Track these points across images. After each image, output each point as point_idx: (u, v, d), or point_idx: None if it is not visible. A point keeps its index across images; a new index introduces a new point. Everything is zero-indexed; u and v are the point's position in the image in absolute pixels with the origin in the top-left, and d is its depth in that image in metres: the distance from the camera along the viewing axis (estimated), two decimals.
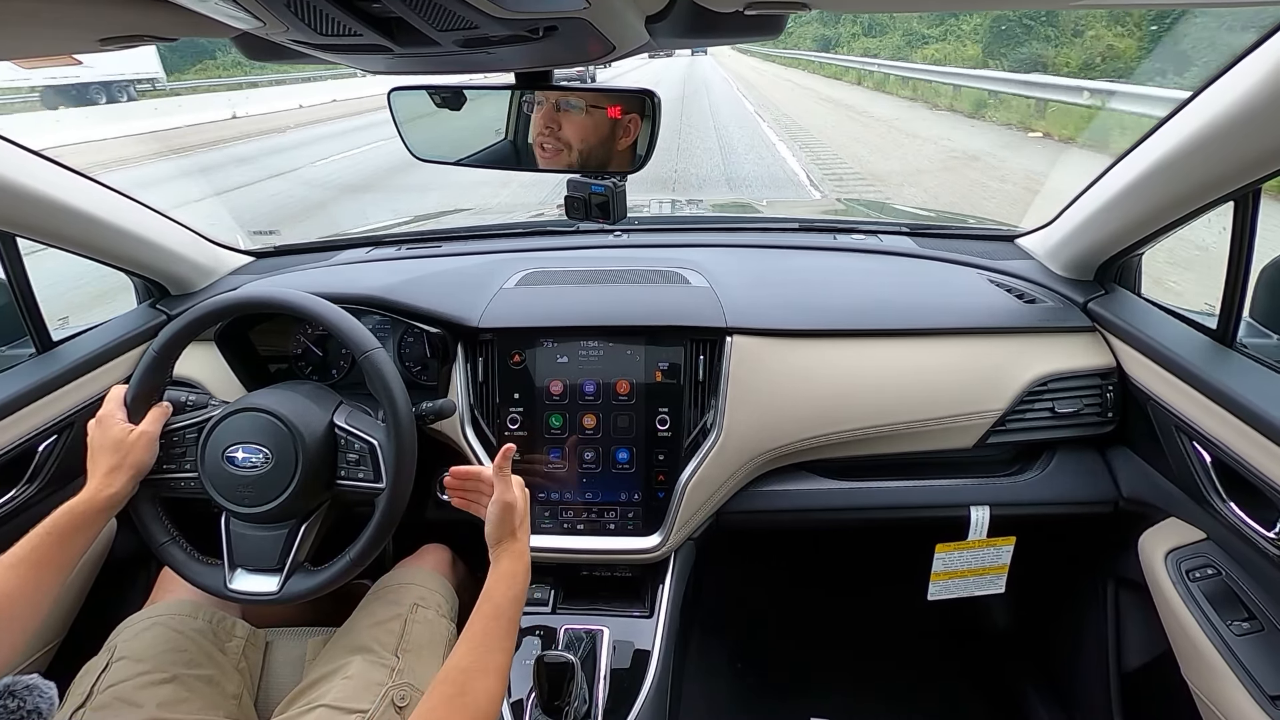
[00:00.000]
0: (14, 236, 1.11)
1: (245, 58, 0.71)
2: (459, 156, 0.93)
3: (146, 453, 0.97)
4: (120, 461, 0.93)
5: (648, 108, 0.77)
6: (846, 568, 1.66)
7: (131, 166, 9.49)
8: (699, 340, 1.16)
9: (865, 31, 24.59)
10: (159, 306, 1.37)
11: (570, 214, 0.90)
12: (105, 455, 0.94)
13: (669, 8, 0.60)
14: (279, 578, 0.97)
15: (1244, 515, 0.92)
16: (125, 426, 0.96)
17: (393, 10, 0.49)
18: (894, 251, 1.44)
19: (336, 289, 1.19)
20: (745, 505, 1.19)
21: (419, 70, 0.80)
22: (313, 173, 9.00)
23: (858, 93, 16.62)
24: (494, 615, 0.80)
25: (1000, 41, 14.69)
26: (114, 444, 0.94)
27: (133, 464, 0.94)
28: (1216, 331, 1.00)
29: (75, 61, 12.96)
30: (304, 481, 0.94)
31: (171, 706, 0.91)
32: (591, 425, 1.16)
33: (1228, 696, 0.89)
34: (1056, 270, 1.31)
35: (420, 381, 1.26)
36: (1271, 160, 0.83)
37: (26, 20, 0.52)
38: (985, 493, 1.19)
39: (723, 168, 7.92)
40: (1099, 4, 0.68)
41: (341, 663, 0.96)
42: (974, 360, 1.18)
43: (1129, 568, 1.12)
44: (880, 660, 1.61)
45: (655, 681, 1.02)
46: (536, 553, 1.14)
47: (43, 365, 1.16)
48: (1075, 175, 1.20)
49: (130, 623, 1.01)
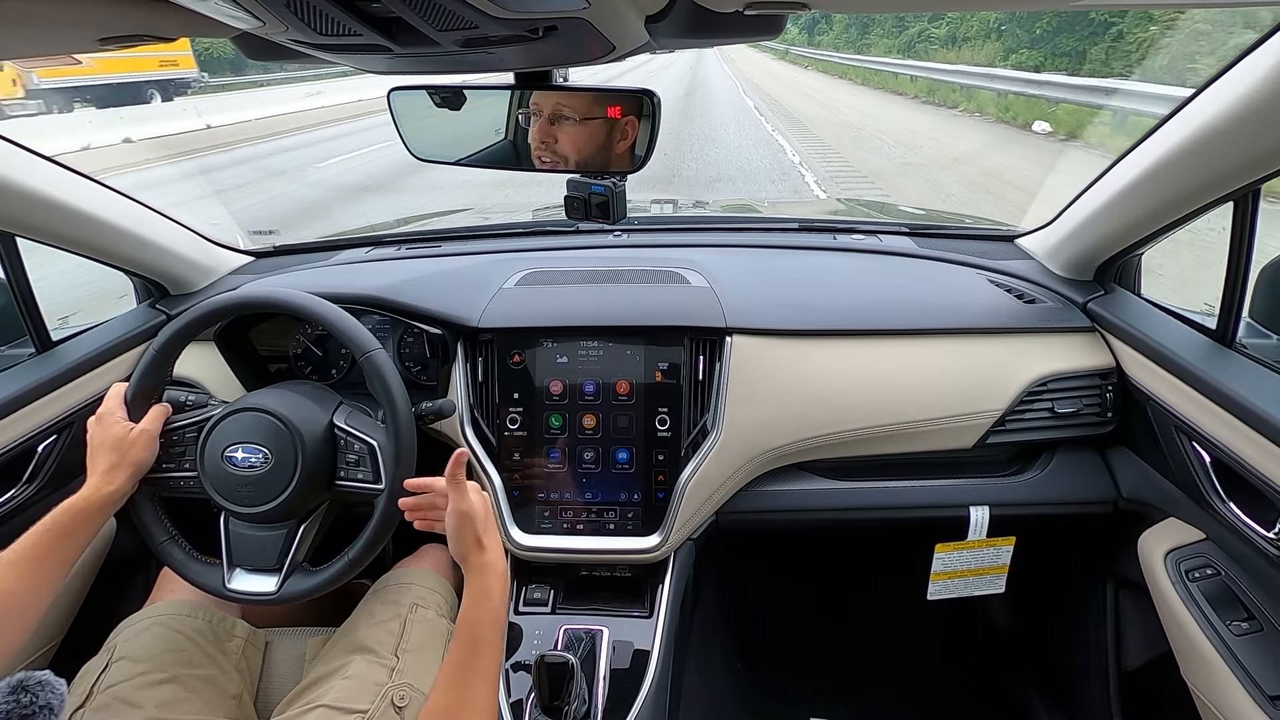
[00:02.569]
0: (14, 236, 1.11)
1: (246, 57, 0.71)
2: (459, 156, 0.93)
3: (146, 451, 0.96)
4: (120, 459, 0.93)
5: (647, 108, 0.77)
6: (846, 568, 1.66)
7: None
8: (699, 340, 1.16)
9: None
10: (159, 306, 1.38)
11: (570, 214, 0.90)
12: (105, 453, 0.93)
13: (669, 8, 0.60)
14: (278, 578, 0.97)
15: (1243, 515, 0.92)
16: (125, 425, 0.96)
17: (393, 10, 0.49)
18: (894, 251, 1.44)
19: (336, 289, 1.19)
20: (745, 505, 1.19)
21: (419, 70, 0.80)
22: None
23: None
24: (470, 645, 0.76)
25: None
26: (114, 442, 0.94)
27: (132, 461, 0.94)
28: (1216, 332, 1.00)
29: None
30: (303, 482, 0.94)
31: (171, 707, 0.91)
32: (591, 425, 1.16)
33: (1227, 696, 0.89)
34: (1056, 270, 1.31)
35: (420, 381, 1.26)
36: (1271, 160, 0.83)
37: (26, 20, 0.52)
38: (985, 493, 1.19)
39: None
40: (1099, 4, 0.68)
41: (341, 663, 0.96)
42: (974, 360, 1.18)
43: (1129, 568, 1.12)
44: (880, 660, 1.61)
45: (655, 682, 1.02)
46: (536, 553, 1.14)
47: (42, 365, 1.16)
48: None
49: (130, 623, 1.01)
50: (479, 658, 0.76)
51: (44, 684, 0.51)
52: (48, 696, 0.50)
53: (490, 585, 0.80)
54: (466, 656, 0.75)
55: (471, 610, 0.78)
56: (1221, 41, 7.11)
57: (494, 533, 0.85)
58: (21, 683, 0.50)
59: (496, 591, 0.80)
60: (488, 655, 0.76)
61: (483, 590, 0.79)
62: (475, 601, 0.79)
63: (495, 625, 0.78)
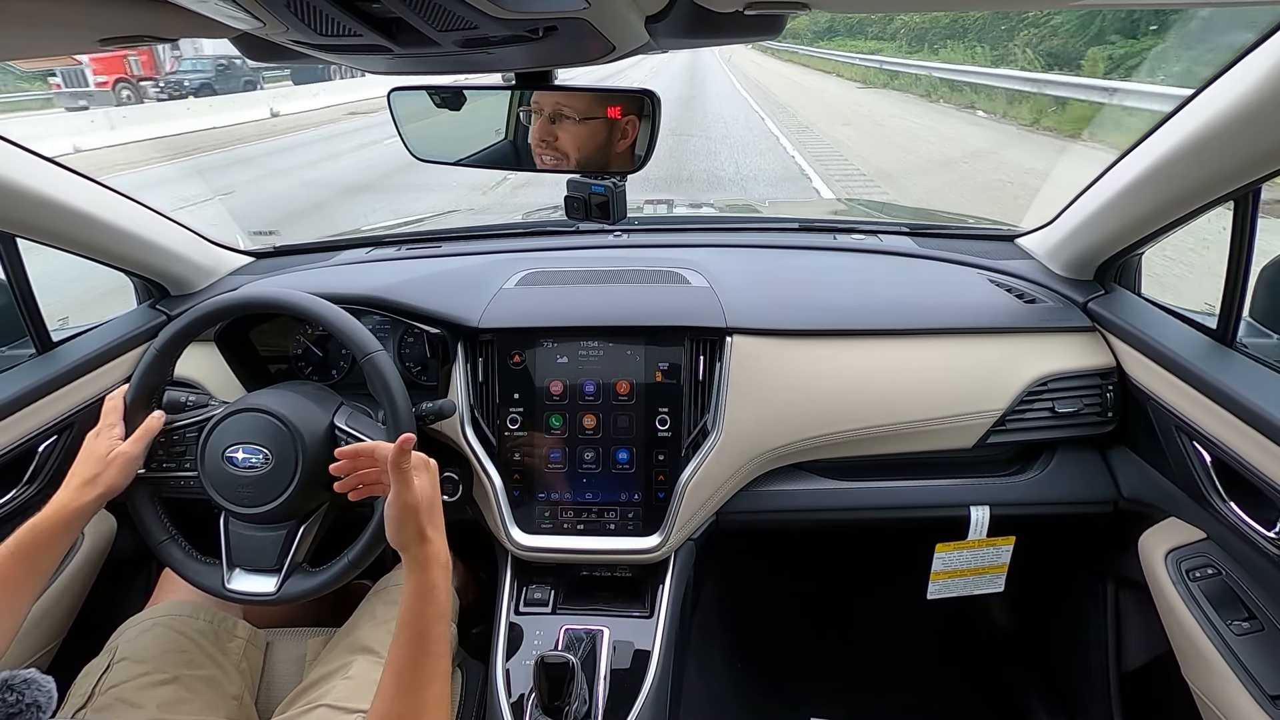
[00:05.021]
0: (14, 237, 1.11)
1: (246, 57, 0.72)
2: (459, 156, 0.93)
3: (120, 475, 0.93)
4: (95, 477, 0.91)
5: (647, 107, 0.77)
6: (846, 568, 1.66)
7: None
8: (699, 340, 1.16)
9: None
10: (159, 307, 1.38)
11: (570, 214, 0.90)
12: (84, 466, 0.92)
13: (669, 8, 0.60)
14: (277, 578, 0.97)
15: (1244, 515, 0.92)
16: (113, 441, 0.95)
17: (393, 10, 0.50)
18: (894, 251, 1.44)
19: (337, 289, 1.19)
20: (745, 505, 1.19)
21: (419, 70, 0.80)
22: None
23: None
24: (417, 644, 0.70)
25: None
26: (97, 459, 0.92)
27: (105, 482, 0.91)
28: (1216, 331, 1.00)
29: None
30: (304, 482, 0.94)
31: (172, 707, 0.91)
32: (591, 425, 1.16)
33: (1228, 696, 0.89)
34: (1056, 270, 1.31)
35: (420, 382, 1.26)
36: (1271, 160, 0.83)
37: (27, 20, 0.52)
38: (985, 492, 1.19)
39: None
40: (1099, 4, 0.68)
41: (342, 663, 0.96)
42: (974, 360, 1.18)
43: (1129, 567, 1.12)
44: (880, 660, 1.61)
45: (655, 682, 1.02)
46: (536, 553, 1.14)
47: (43, 366, 1.16)
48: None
49: (131, 623, 1.01)
50: (428, 657, 0.71)
51: (29, 682, 0.51)
52: (34, 694, 0.50)
53: (435, 579, 0.75)
54: (415, 657, 0.71)
55: (416, 606, 0.73)
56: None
57: (439, 522, 0.80)
58: (6, 681, 0.50)
59: (442, 585, 0.75)
60: (437, 654, 0.72)
61: (426, 585, 0.74)
62: (419, 597, 0.73)
63: (443, 621, 0.74)
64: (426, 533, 0.77)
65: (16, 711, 0.49)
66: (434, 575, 0.75)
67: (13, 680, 0.50)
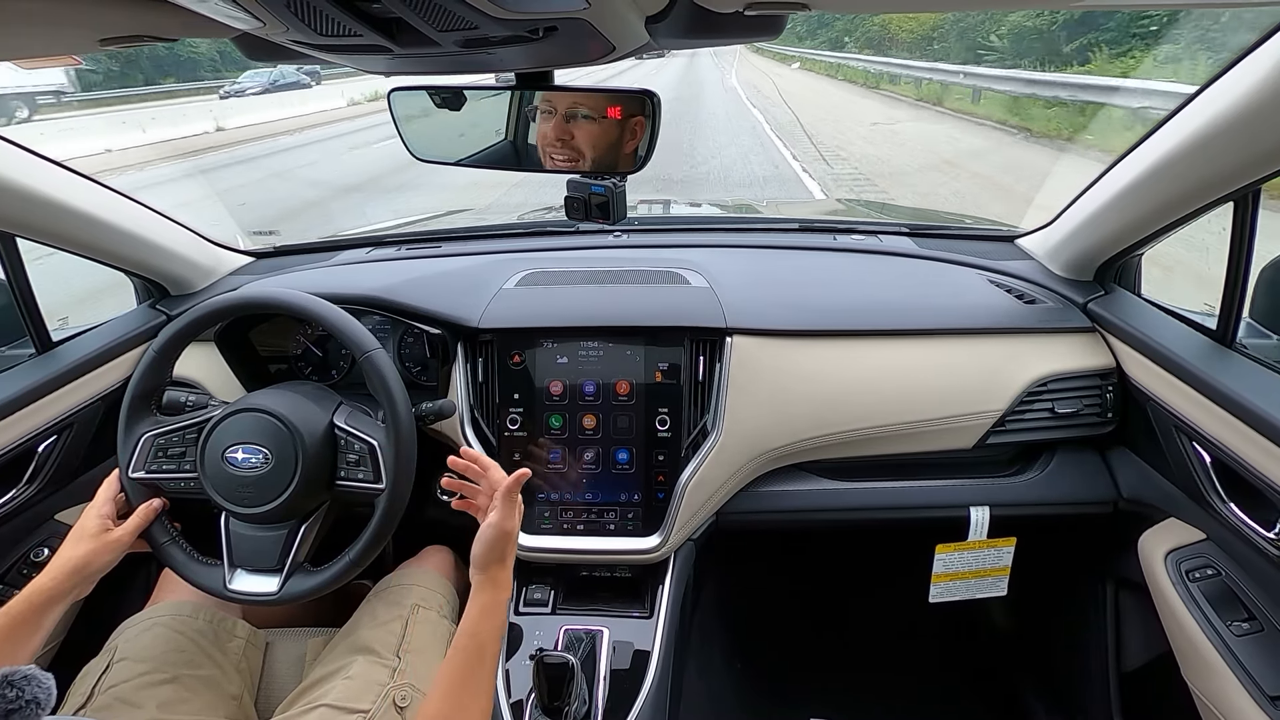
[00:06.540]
0: (14, 237, 1.11)
1: (246, 57, 0.72)
2: (459, 157, 0.93)
3: (107, 559, 0.92)
4: (81, 564, 0.89)
5: (647, 108, 0.77)
6: (847, 568, 1.66)
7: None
8: (699, 340, 1.16)
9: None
10: (159, 307, 1.38)
11: (570, 214, 0.90)
12: (72, 547, 0.91)
13: (669, 8, 0.60)
14: (278, 578, 0.97)
15: (1244, 515, 0.92)
16: (102, 522, 0.94)
17: (393, 10, 0.50)
18: (894, 252, 1.44)
19: (337, 289, 1.19)
20: (745, 506, 1.19)
21: (419, 70, 0.80)
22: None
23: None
24: (477, 653, 0.77)
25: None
26: (88, 537, 0.92)
27: (88, 570, 0.90)
28: (1216, 332, 1.00)
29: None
30: (304, 482, 0.94)
31: (172, 707, 0.91)
32: (591, 425, 1.16)
33: (1228, 697, 0.89)
34: (1056, 270, 1.31)
35: (420, 382, 1.26)
36: (1271, 160, 0.83)
37: (27, 20, 0.52)
38: (985, 493, 1.19)
39: None
40: (1099, 4, 0.68)
41: (343, 663, 0.96)
42: (974, 360, 1.18)
43: (1129, 568, 1.12)
44: (880, 661, 1.61)
45: (655, 682, 1.02)
46: (536, 553, 1.14)
47: (42, 365, 1.16)
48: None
49: (131, 623, 1.01)
50: (482, 670, 0.77)
51: (29, 678, 0.50)
52: (34, 691, 0.50)
53: (502, 600, 0.83)
54: (471, 668, 0.76)
55: (481, 623, 0.80)
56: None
57: (514, 552, 0.88)
58: (7, 677, 0.50)
59: (505, 607, 0.84)
60: (489, 669, 0.78)
61: (495, 604, 0.82)
62: (486, 614, 0.80)
63: (498, 640, 0.81)
64: (506, 560, 0.85)
65: (16, 708, 0.49)
66: (502, 597, 0.83)
67: (13, 676, 0.50)
